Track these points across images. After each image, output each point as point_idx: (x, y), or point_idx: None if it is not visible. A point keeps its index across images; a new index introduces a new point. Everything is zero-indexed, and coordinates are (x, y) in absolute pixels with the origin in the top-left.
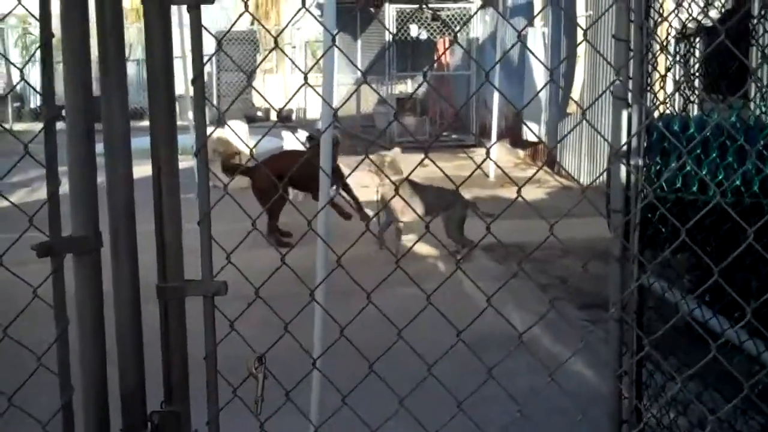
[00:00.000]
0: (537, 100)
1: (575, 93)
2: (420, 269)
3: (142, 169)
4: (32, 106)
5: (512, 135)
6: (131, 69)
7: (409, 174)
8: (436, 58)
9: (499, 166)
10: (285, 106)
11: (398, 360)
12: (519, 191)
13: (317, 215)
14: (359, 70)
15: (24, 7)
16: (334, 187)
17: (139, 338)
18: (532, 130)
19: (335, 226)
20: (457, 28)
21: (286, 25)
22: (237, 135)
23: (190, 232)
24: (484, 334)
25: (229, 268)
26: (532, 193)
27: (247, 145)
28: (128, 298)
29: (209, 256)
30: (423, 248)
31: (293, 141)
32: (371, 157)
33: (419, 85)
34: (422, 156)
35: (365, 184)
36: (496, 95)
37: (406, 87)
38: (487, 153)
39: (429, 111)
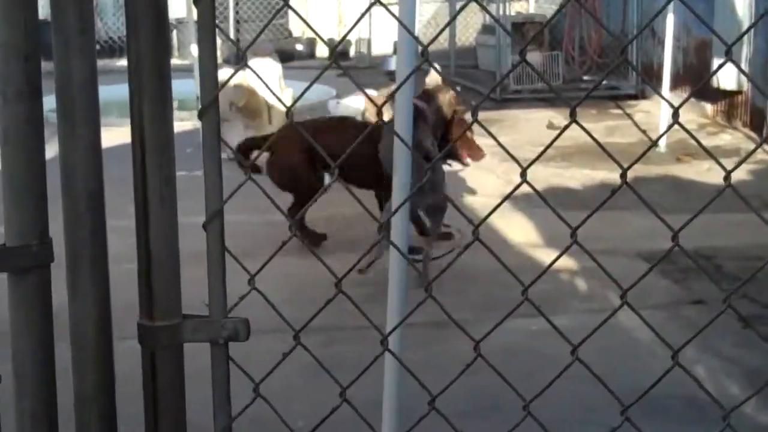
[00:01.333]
0: (735, 23)
1: None
2: (548, 288)
3: (118, 135)
4: None
5: (695, 81)
6: None
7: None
8: None
9: (687, 131)
10: (344, 38)
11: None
12: (728, 177)
13: (388, 217)
14: None
15: None
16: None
17: (110, 405)
18: (743, 71)
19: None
20: None
21: None
22: (264, 83)
23: (188, 228)
24: (651, 395)
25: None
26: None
27: (280, 100)
28: (94, 342)
29: (222, 280)
30: (545, 254)
31: (353, 96)
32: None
33: None
34: (546, 114)
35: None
36: (670, 17)
37: (526, 5)
38: (675, 114)
39: (562, 42)
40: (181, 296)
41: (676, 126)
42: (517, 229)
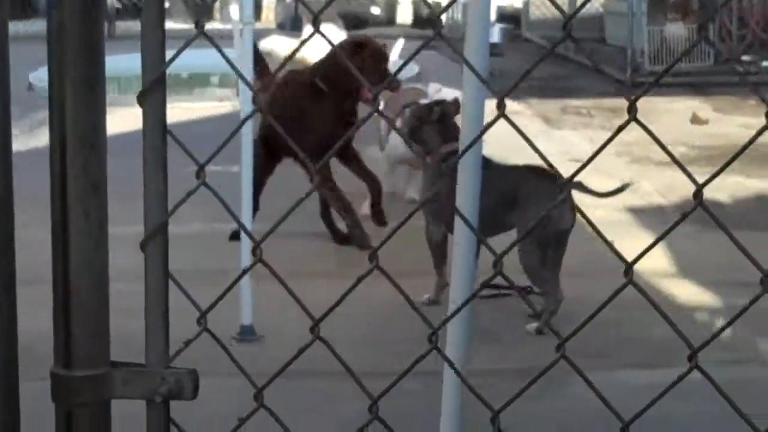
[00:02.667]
0: None
1: None
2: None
3: (116, 118)
4: None
5: None
6: None
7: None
8: None
9: None
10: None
11: None
12: None
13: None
14: None
15: None
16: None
17: None
18: None
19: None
20: None
21: None
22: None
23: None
24: None
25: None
26: None
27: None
28: None
29: (162, 317)
30: (676, 287)
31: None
32: None
33: None
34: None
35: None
36: None
37: None
38: None
39: (713, 13)
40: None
41: None
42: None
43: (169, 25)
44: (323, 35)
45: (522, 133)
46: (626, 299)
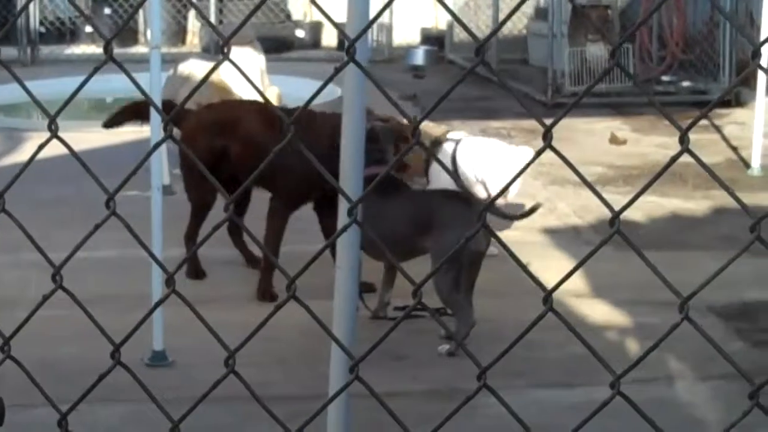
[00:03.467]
0: None
1: None
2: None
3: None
4: None
5: None
6: None
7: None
8: None
9: None
10: (371, 23)
11: None
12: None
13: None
14: None
15: None
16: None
17: None
18: None
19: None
20: None
21: None
22: (244, 75)
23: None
24: None
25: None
26: None
27: (263, 95)
28: None
29: None
30: (589, 306)
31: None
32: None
33: None
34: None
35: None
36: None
37: None
38: None
39: (634, 34)
40: None
41: None
42: (556, 273)
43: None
44: (231, 61)
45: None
46: (545, 319)
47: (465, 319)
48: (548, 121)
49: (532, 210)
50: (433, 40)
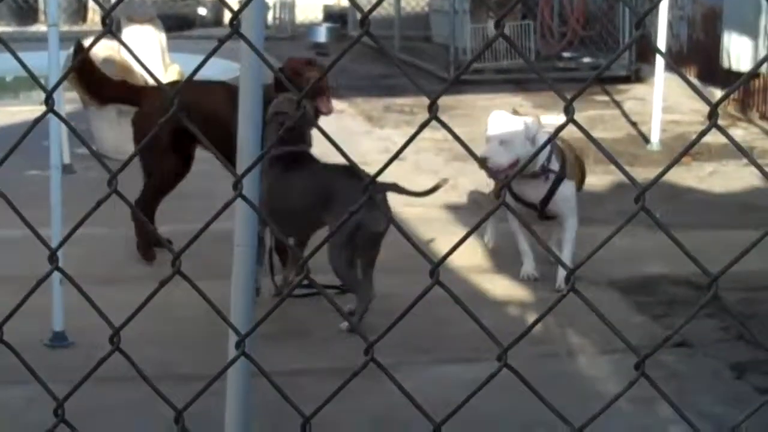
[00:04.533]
0: None
1: None
2: (491, 326)
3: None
4: None
5: (703, 60)
6: None
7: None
8: None
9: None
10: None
11: None
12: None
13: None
14: None
15: None
16: None
17: None
18: None
19: None
20: None
21: None
22: (136, 58)
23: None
24: None
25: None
26: (733, 175)
27: (156, 80)
28: None
29: None
30: (492, 282)
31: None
32: None
33: None
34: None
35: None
36: None
37: None
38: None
39: (536, 10)
40: None
41: (676, 118)
42: (462, 249)
43: None
44: (114, 33)
45: (328, 137)
46: (445, 295)
47: (363, 296)
48: (447, 97)
49: (437, 187)
50: (335, 17)
